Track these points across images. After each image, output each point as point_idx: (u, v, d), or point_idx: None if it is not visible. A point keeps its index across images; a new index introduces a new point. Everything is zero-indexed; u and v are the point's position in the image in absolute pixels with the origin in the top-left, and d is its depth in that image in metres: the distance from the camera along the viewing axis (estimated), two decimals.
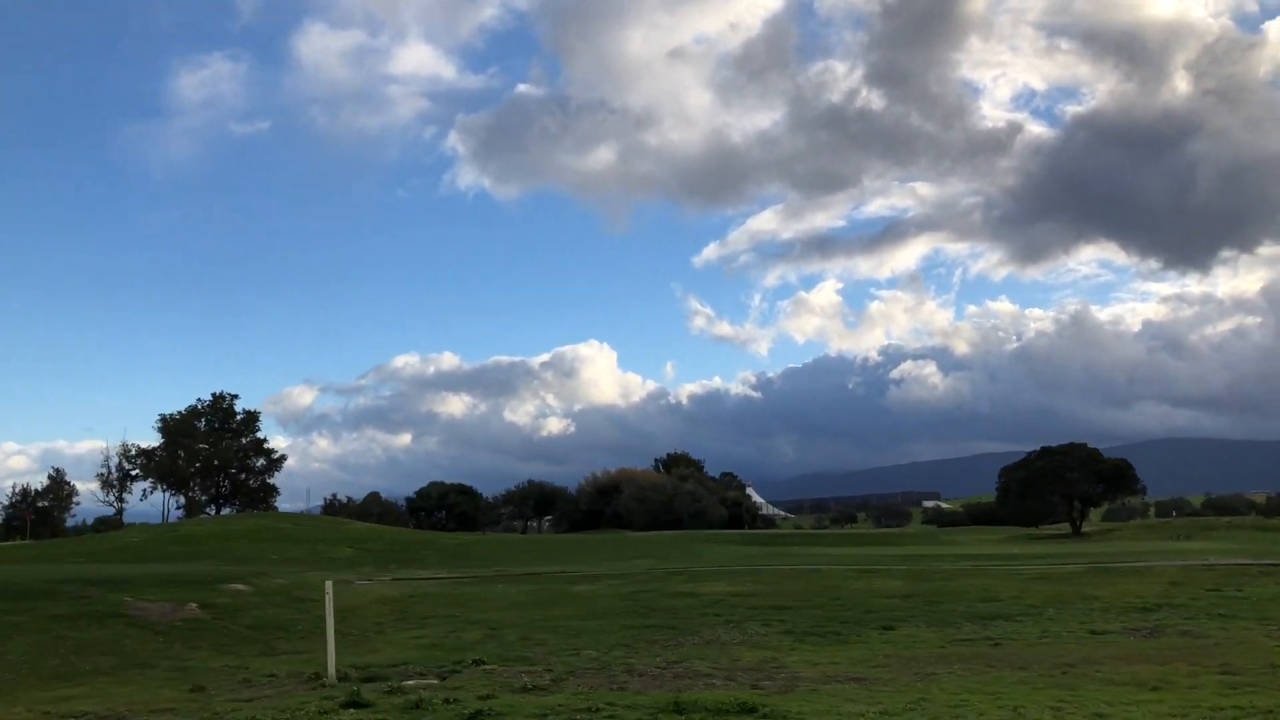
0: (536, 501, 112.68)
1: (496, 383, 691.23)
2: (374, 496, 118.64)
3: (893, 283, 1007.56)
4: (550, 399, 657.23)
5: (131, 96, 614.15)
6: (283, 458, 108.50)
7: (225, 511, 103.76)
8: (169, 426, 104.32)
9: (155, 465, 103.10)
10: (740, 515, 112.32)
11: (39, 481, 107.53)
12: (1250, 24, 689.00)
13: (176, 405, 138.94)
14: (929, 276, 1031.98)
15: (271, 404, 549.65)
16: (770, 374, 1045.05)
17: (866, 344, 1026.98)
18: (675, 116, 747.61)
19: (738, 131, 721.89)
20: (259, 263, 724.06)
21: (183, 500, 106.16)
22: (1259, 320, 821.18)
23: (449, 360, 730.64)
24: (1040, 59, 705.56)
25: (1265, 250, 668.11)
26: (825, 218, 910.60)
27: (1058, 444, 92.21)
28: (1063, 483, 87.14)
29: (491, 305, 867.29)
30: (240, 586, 24.78)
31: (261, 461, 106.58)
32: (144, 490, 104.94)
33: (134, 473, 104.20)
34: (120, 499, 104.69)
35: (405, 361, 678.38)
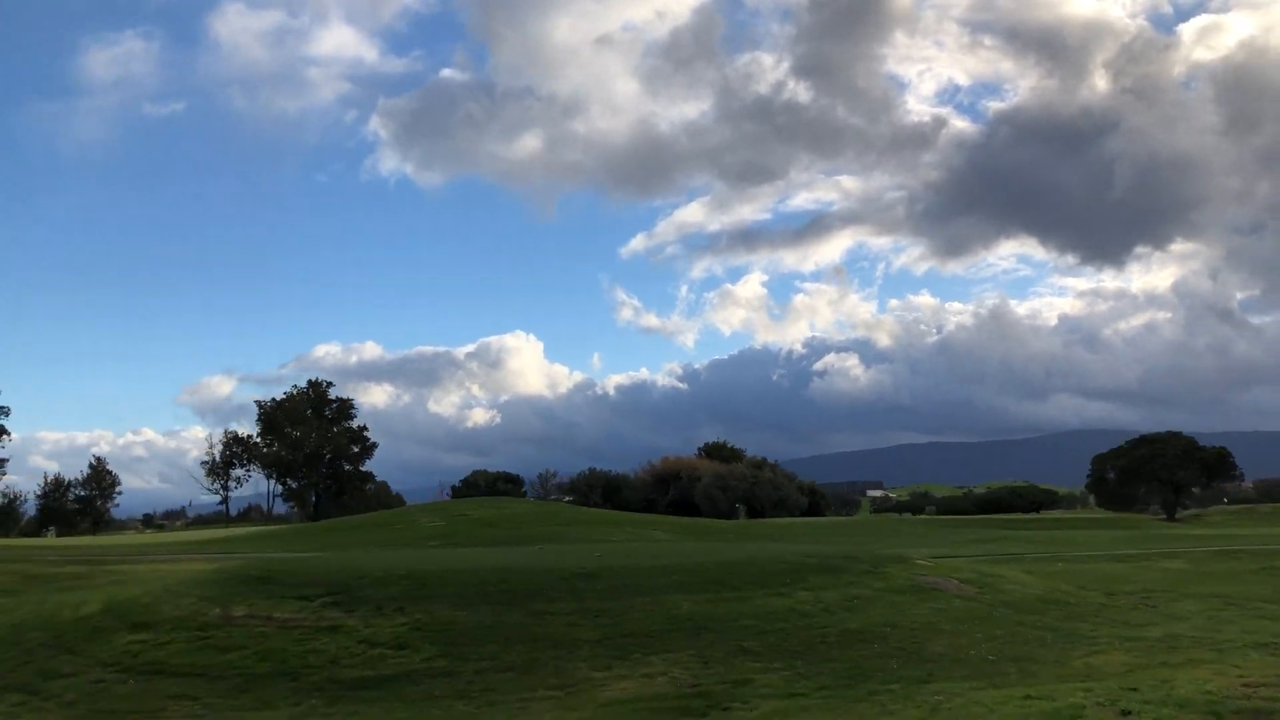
0: (604, 489, 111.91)
1: (420, 373, 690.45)
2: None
3: (817, 276, 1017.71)
4: (476, 390, 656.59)
5: (38, 74, 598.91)
6: (374, 445, 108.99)
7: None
8: (268, 414, 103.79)
9: (263, 454, 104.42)
10: (819, 503, 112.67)
11: None
12: (1165, 25, 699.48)
13: (82, 395, 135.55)
14: (853, 270, 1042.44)
15: (189, 394, 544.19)
16: (696, 365, 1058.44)
17: (791, 336, 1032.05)
18: (602, 105, 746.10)
19: (665, 121, 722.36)
20: (174, 249, 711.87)
21: (279, 489, 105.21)
22: (1169, 315, 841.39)
23: (371, 350, 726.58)
24: (964, 55, 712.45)
25: (1177, 247, 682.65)
26: (752, 210, 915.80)
27: (1153, 433, 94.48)
28: (1164, 470, 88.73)
29: (415, 294, 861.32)
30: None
31: (356, 449, 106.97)
32: (238, 479, 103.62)
33: (242, 462, 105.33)
34: (225, 488, 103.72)
35: (327, 351, 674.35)
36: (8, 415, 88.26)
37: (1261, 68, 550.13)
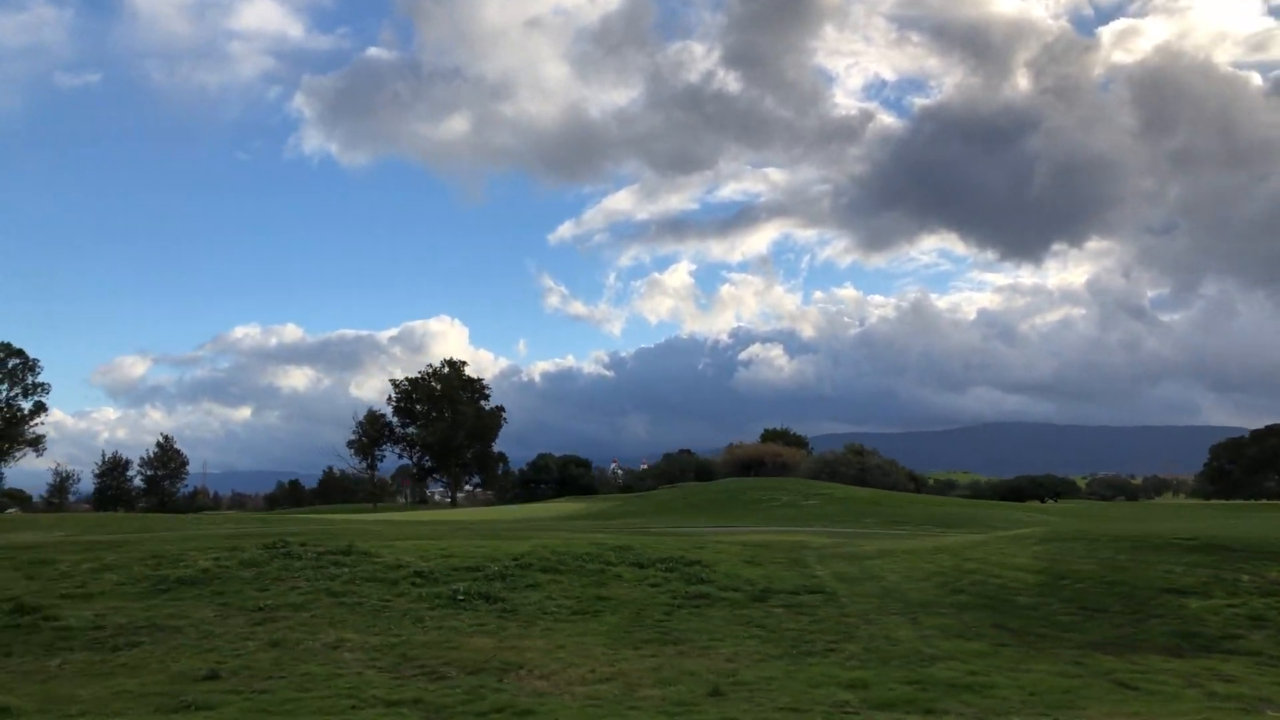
0: (696, 472, 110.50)
1: (342, 356, 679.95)
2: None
3: (744, 266, 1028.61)
4: (398, 374, 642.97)
5: None
6: (503, 422, 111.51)
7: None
8: (405, 394, 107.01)
9: (414, 435, 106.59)
10: (923, 490, 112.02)
11: None
12: (1086, 27, 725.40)
13: None
14: (778, 261, 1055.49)
15: (101, 374, 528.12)
16: (623, 353, 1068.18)
17: (718, 326, 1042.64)
18: (532, 88, 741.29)
19: (595, 107, 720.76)
20: (86, 224, 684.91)
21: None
22: (1083, 311, 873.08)
23: (292, 332, 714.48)
24: (891, 50, 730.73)
25: (1092, 245, 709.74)
26: (680, 199, 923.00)
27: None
28: None
29: (337, 277, 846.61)
30: None
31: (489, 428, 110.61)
32: (377, 456, 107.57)
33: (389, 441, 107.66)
34: (372, 466, 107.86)
35: (245, 333, 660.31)
36: (47, 393, 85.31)
37: (1176, 72, 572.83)
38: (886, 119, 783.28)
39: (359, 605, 15.52)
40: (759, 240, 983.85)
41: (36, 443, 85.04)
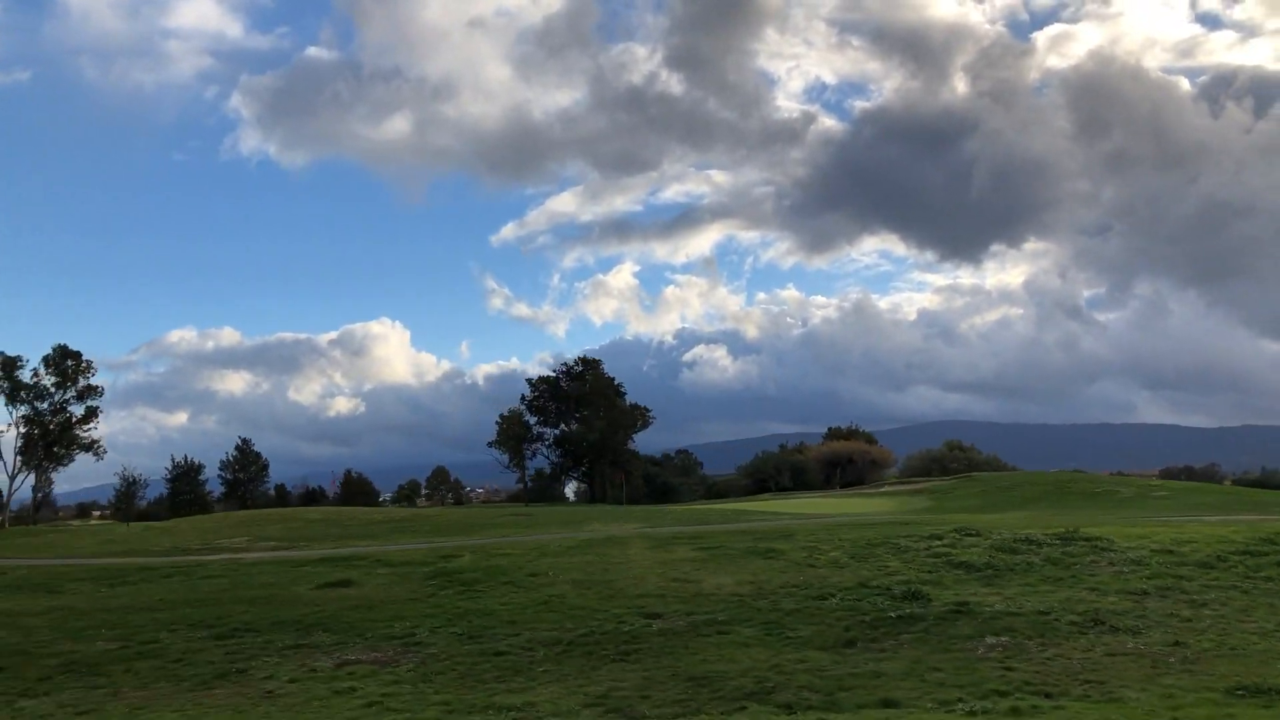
0: (791, 471, 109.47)
1: (280, 360, 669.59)
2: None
3: (688, 268, 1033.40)
4: (338, 378, 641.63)
5: None
6: (651, 421, 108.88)
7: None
8: (542, 394, 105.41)
9: (560, 436, 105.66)
10: None
11: None
12: (1022, 32, 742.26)
13: None
14: (722, 263, 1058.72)
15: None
16: (568, 355, 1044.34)
17: (662, 327, 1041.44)
18: (474, 89, 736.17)
19: (538, 108, 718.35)
20: (16, 225, 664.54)
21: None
22: (1021, 311, 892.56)
23: (229, 336, 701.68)
24: (832, 54, 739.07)
25: (1030, 246, 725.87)
26: (624, 201, 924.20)
27: None
28: None
29: (276, 279, 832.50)
30: None
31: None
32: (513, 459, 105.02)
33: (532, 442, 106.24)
34: (522, 466, 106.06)
35: (181, 336, 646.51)
36: (101, 395, 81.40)
37: (1108, 76, 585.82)
38: (828, 121, 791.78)
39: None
40: (702, 242, 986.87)
41: (93, 447, 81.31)
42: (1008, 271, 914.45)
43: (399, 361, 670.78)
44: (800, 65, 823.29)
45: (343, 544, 37.11)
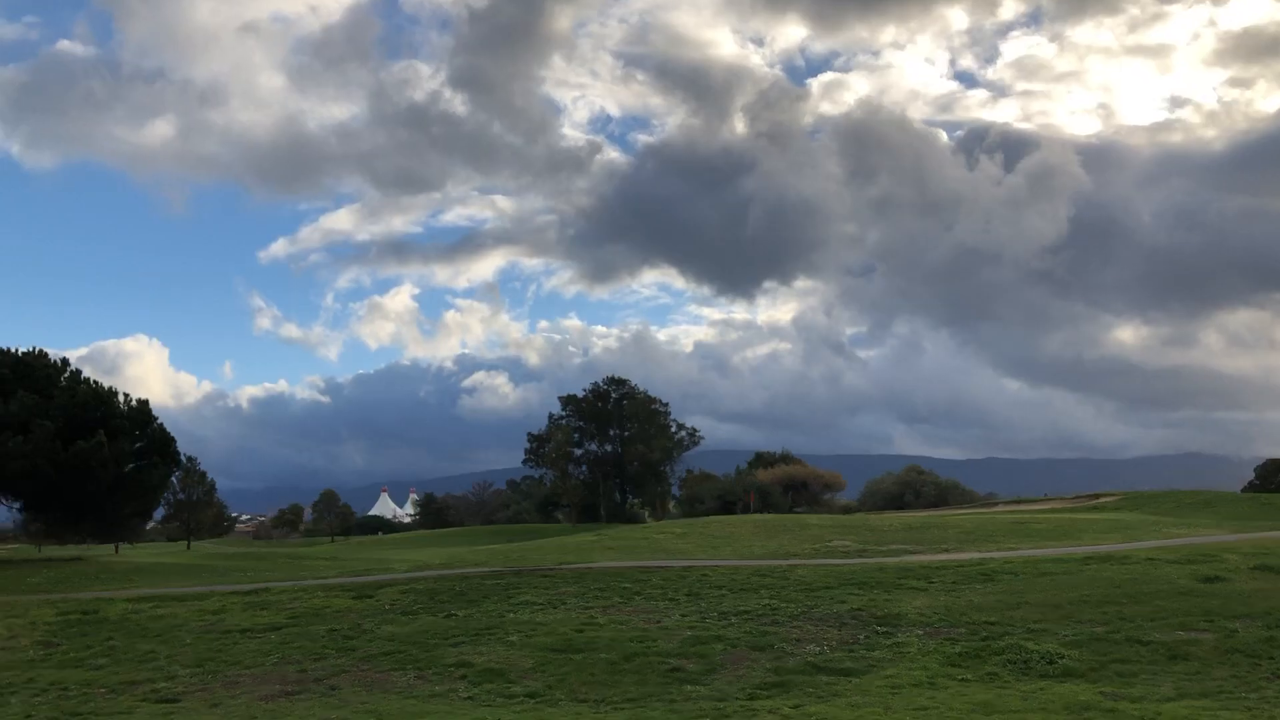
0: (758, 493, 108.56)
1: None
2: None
3: (470, 292, 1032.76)
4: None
5: None
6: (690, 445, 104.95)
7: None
8: (582, 410, 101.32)
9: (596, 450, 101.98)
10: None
11: None
12: (798, 77, 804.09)
13: None
14: (505, 289, 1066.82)
15: None
16: (340, 379, 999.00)
17: (441, 352, 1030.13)
18: (244, 96, 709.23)
19: (314, 120, 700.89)
20: None
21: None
22: (790, 346, 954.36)
23: None
24: (618, 86, 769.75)
25: (800, 284, 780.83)
26: (403, 221, 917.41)
27: None
28: None
29: (17, 290, 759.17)
30: None
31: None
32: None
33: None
34: (565, 481, 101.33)
35: None
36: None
37: (875, 125, 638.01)
38: (612, 153, 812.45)
39: None
40: (485, 267, 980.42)
41: None
42: (778, 308, 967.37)
43: (155, 381, 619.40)
44: (586, 95, 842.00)
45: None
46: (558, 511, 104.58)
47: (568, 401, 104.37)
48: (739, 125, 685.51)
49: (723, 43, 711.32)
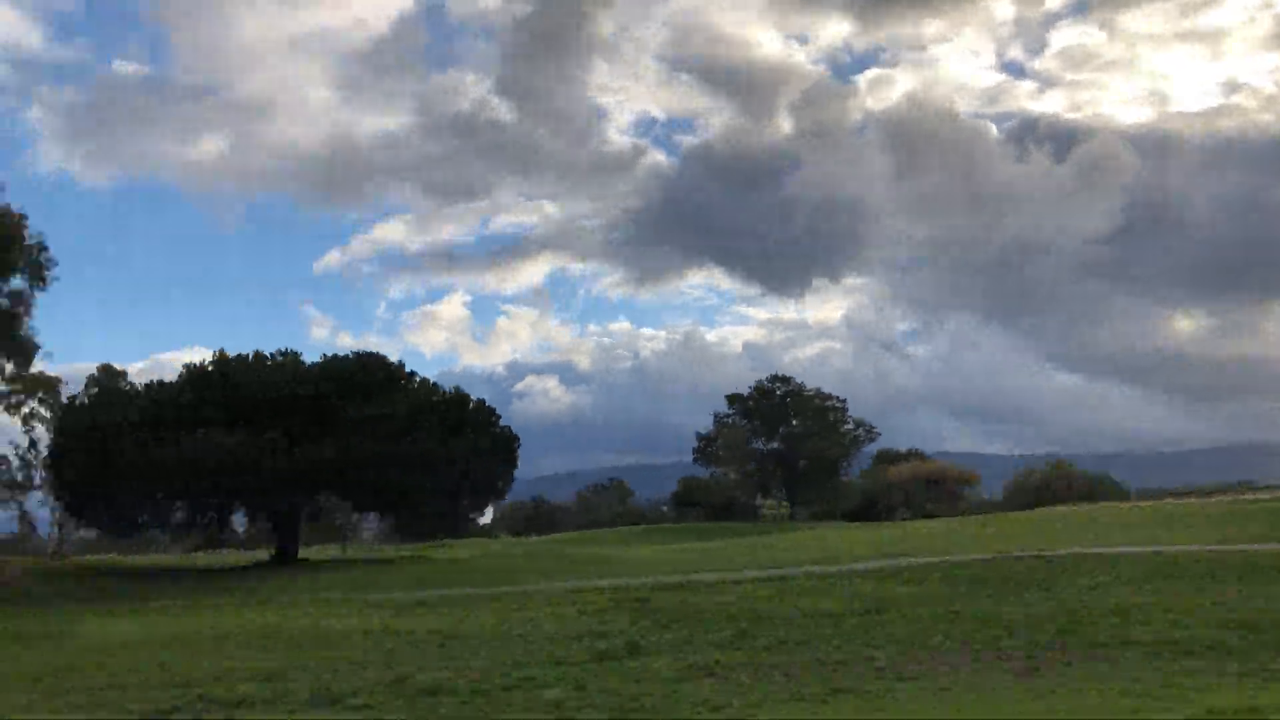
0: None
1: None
2: None
3: (519, 298, 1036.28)
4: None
5: None
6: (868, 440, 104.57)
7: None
8: (750, 408, 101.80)
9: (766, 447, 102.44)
10: None
11: None
12: (844, 73, 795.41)
13: None
14: (553, 294, 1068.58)
15: None
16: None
17: (493, 358, 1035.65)
18: (294, 110, 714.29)
19: (363, 131, 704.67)
20: None
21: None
22: (839, 345, 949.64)
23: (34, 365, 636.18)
24: (661, 89, 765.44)
25: (849, 281, 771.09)
26: (453, 230, 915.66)
27: None
28: None
29: (79, 306, 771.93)
30: None
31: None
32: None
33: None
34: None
35: None
36: None
37: (922, 119, 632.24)
38: (657, 156, 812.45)
39: None
40: (533, 272, 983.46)
41: None
42: (827, 306, 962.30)
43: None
44: (629, 99, 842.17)
45: None
46: (691, 510, 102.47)
47: (733, 400, 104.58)
48: (784, 124, 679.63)
49: (766, 42, 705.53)
